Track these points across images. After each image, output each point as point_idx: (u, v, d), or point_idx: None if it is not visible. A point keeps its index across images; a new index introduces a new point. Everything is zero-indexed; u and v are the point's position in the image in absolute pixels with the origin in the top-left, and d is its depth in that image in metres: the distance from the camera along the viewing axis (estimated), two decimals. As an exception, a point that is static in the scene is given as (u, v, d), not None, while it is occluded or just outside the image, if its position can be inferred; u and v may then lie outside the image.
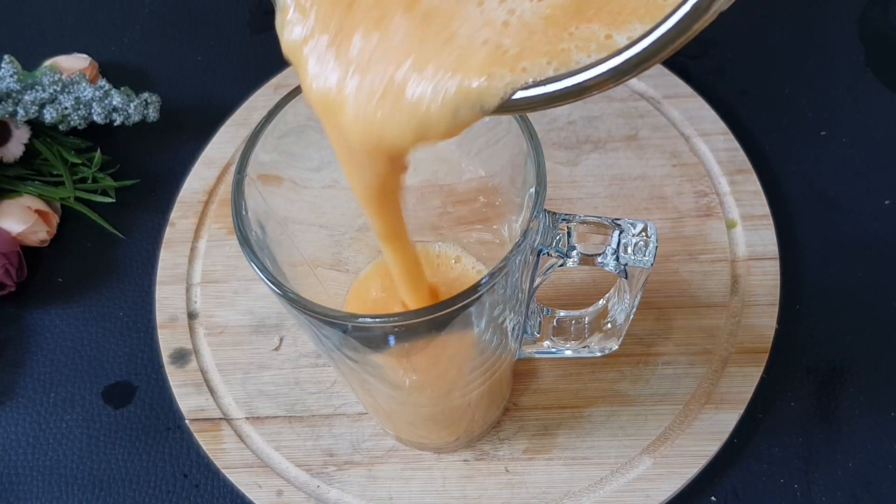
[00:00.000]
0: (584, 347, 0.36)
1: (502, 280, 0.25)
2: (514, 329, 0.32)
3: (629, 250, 0.28)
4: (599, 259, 0.28)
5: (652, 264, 0.28)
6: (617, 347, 0.36)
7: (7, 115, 0.48)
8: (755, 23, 0.56)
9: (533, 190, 0.27)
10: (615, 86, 0.19)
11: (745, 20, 0.56)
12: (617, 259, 0.28)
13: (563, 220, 0.28)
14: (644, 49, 0.17)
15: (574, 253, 0.28)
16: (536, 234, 0.27)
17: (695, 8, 0.16)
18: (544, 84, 0.19)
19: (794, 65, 0.54)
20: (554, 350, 0.37)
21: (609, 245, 0.28)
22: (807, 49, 0.55)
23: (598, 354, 0.36)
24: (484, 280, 0.24)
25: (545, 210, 0.27)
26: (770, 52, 0.55)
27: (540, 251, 0.28)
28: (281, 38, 0.22)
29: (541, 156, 0.27)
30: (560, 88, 0.19)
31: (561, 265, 0.29)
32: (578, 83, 0.19)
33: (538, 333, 0.36)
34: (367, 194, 0.24)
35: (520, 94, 0.19)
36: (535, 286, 0.31)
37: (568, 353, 0.37)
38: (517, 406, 0.42)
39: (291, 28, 0.21)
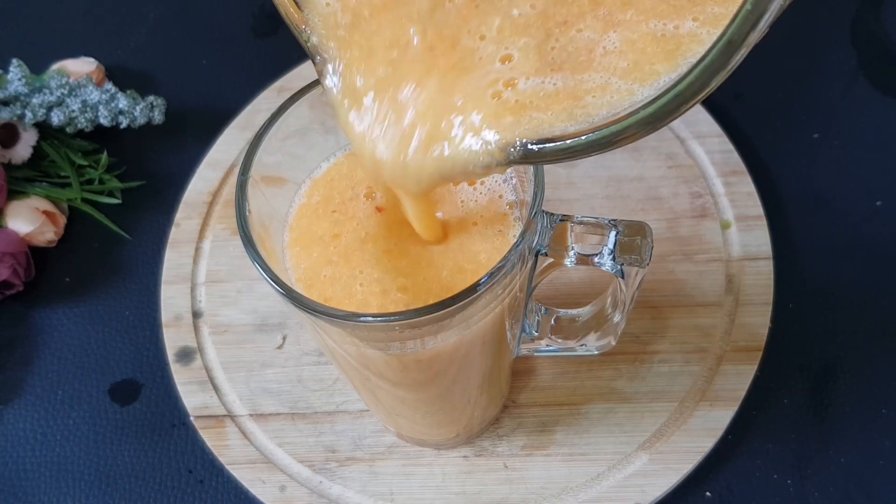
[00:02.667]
0: (582, 346, 0.37)
1: (501, 279, 0.26)
2: (512, 328, 0.33)
3: (625, 250, 0.29)
4: (596, 259, 0.29)
5: (648, 264, 0.29)
6: (614, 345, 0.36)
7: (15, 118, 0.49)
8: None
9: (531, 191, 0.27)
10: (652, 132, 0.20)
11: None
12: (613, 259, 0.29)
13: (560, 220, 0.29)
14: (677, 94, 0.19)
15: (571, 253, 0.29)
16: (534, 235, 0.28)
17: (726, 46, 0.17)
18: (571, 137, 0.21)
19: (788, 68, 0.55)
20: (552, 348, 0.37)
21: (606, 245, 0.29)
22: (800, 53, 0.55)
23: (595, 353, 0.37)
24: (483, 280, 0.25)
25: (543, 211, 0.28)
26: (764, 56, 0.55)
27: (538, 251, 0.29)
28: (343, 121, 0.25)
29: (538, 158, 0.27)
30: (593, 138, 0.20)
31: (559, 265, 0.29)
32: (620, 129, 0.20)
33: (536, 332, 0.37)
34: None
35: (550, 146, 0.22)
36: (533, 286, 0.31)
37: (565, 351, 0.37)
38: (516, 403, 0.42)
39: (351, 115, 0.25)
